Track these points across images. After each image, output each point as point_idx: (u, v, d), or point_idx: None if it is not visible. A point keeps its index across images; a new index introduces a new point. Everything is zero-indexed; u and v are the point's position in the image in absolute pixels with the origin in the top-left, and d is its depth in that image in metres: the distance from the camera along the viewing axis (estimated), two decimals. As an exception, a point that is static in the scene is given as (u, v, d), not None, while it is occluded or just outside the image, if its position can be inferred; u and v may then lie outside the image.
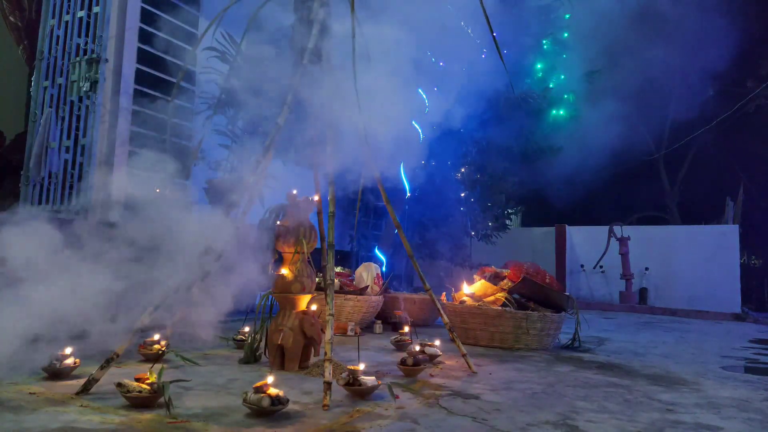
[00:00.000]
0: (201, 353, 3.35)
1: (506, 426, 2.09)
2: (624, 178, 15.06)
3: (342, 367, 2.78)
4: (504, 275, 4.60)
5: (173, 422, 1.96)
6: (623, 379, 3.12)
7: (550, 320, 4.16)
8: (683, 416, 2.35)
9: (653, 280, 10.35)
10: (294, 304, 3.03)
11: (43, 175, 4.73)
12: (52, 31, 4.94)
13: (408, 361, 2.92)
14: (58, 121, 4.76)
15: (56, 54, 4.87)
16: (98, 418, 1.98)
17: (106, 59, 4.60)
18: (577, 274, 11.10)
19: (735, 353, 4.56)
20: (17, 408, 2.05)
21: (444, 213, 8.37)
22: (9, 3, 5.36)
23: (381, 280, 5.27)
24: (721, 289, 9.78)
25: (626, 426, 2.16)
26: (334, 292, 2.67)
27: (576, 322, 4.43)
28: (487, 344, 4.18)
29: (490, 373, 3.15)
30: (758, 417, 2.41)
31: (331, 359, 2.40)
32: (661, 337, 5.49)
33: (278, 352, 2.96)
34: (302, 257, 3.06)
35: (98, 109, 4.56)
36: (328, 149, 2.97)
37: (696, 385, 3.06)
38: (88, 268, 2.64)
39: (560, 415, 2.28)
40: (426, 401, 2.41)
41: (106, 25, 4.63)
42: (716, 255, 10.02)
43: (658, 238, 10.67)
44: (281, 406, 2.07)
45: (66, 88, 4.76)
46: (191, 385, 2.50)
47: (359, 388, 2.38)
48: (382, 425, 2.03)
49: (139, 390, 2.13)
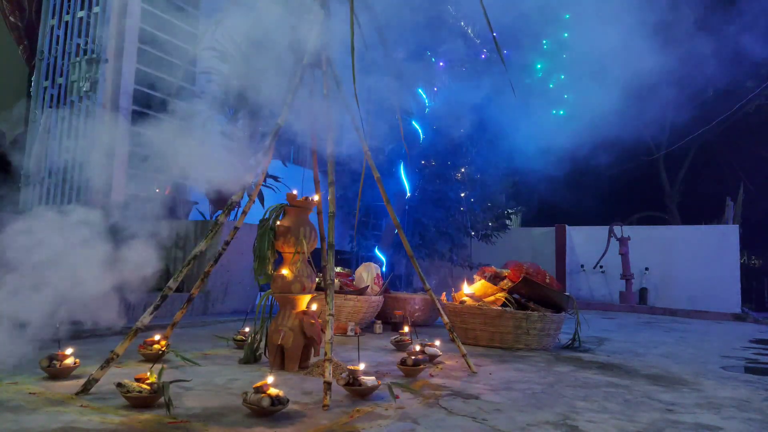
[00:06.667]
0: (201, 353, 3.35)
1: (506, 426, 2.09)
2: (624, 178, 15.08)
3: (342, 367, 2.78)
4: (504, 275, 4.60)
5: (173, 422, 1.95)
6: (623, 379, 3.12)
7: (550, 320, 4.16)
8: (683, 416, 2.35)
9: (653, 280, 10.35)
10: (294, 304, 3.03)
11: (43, 175, 4.73)
12: (52, 31, 4.94)
13: (408, 361, 2.91)
14: (58, 121, 4.76)
15: (56, 54, 4.87)
16: (98, 418, 1.98)
17: (106, 59, 4.60)
18: (577, 274, 11.10)
19: (735, 353, 4.56)
20: (17, 408, 2.05)
21: (444, 213, 8.37)
22: (9, 3, 5.36)
23: (381, 280, 5.27)
24: (721, 289, 9.78)
25: (626, 426, 2.16)
26: (334, 292, 2.67)
27: (576, 322, 4.43)
28: (487, 344, 4.18)
29: (490, 373, 3.15)
30: (758, 417, 2.41)
31: (331, 359, 2.40)
32: (661, 337, 5.49)
33: (278, 352, 2.96)
34: (302, 257, 3.06)
35: (98, 109, 4.56)
36: (328, 149, 2.98)
37: (696, 385, 3.06)
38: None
39: (560, 415, 2.28)
40: (426, 401, 2.41)
41: (106, 25, 4.64)
42: (716, 255, 10.02)
43: (658, 238, 10.68)
44: (281, 406, 2.07)
45: (66, 88, 4.76)
46: (191, 385, 2.50)
47: (359, 388, 2.38)
48: (382, 425, 2.03)
49: (139, 390, 2.13)
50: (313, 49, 3.04)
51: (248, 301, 5.67)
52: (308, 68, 3.06)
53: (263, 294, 3.21)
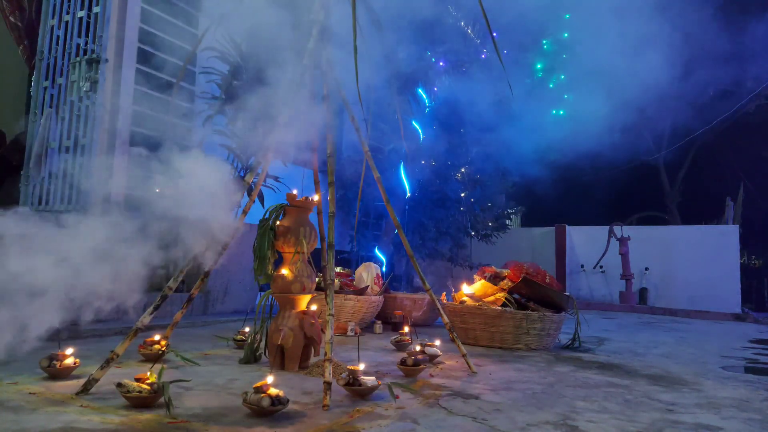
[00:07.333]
0: (201, 353, 3.35)
1: (506, 426, 2.09)
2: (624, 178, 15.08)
3: (342, 367, 2.78)
4: (504, 275, 4.60)
5: (173, 422, 1.95)
6: (623, 379, 3.12)
7: (550, 320, 4.16)
8: (683, 416, 2.35)
9: (653, 280, 10.35)
10: (294, 304, 3.03)
11: (43, 175, 4.73)
12: (52, 31, 4.94)
13: (408, 361, 2.91)
14: (58, 121, 4.76)
15: (56, 54, 4.87)
16: (98, 418, 1.98)
17: (106, 59, 4.60)
18: (577, 274, 11.10)
19: (735, 353, 4.56)
20: (17, 408, 2.05)
21: (444, 213, 8.37)
22: (9, 3, 5.36)
23: (381, 280, 5.27)
24: (721, 289, 9.78)
25: (626, 426, 2.16)
26: (334, 292, 2.67)
27: (576, 322, 4.43)
28: (487, 344, 4.18)
29: (490, 373, 3.15)
30: (758, 417, 2.41)
31: (331, 359, 2.40)
32: (661, 337, 5.49)
33: (278, 352, 2.96)
34: (302, 257, 3.06)
35: (98, 109, 4.56)
36: (328, 149, 2.98)
37: (696, 385, 3.06)
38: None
39: (560, 415, 2.28)
40: (426, 401, 2.41)
41: (106, 25, 4.64)
42: (716, 255, 10.02)
43: (658, 238, 10.67)
44: (281, 406, 2.07)
45: (66, 88, 4.76)
46: (191, 385, 2.50)
47: (359, 388, 2.38)
48: (382, 425, 2.03)
49: (139, 390, 2.13)
50: (313, 48, 3.04)
51: (248, 301, 5.67)
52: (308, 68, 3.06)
53: (263, 294, 3.21)
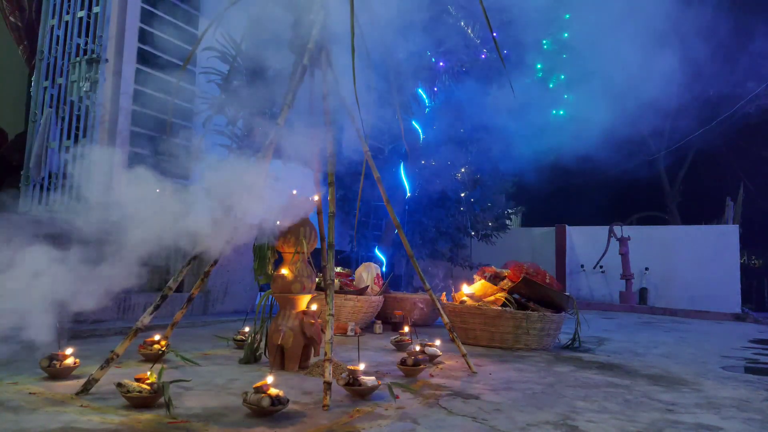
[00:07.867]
0: (201, 353, 3.35)
1: (506, 426, 2.09)
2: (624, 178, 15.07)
3: (342, 367, 2.77)
4: (504, 275, 4.60)
5: (173, 422, 1.95)
6: (623, 379, 3.12)
7: (550, 320, 4.16)
8: (683, 416, 2.35)
9: (653, 280, 10.35)
10: (294, 304, 3.03)
11: (43, 175, 4.73)
12: (52, 31, 4.94)
13: (408, 361, 2.91)
14: (58, 121, 4.76)
15: (56, 54, 4.87)
16: (98, 418, 1.97)
17: (106, 59, 4.60)
18: (577, 274, 11.10)
19: (735, 353, 4.56)
20: (17, 408, 2.05)
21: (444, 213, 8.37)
22: (9, 3, 5.36)
23: (381, 280, 5.27)
24: (721, 289, 9.78)
25: (626, 426, 2.16)
26: (334, 292, 2.67)
27: (576, 322, 4.43)
28: (487, 344, 4.18)
29: (490, 373, 3.15)
30: (758, 417, 2.40)
31: (331, 359, 2.39)
32: (661, 337, 5.49)
33: (278, 352, 2.96)
34: (302, 257, 3.06)
35: (98, 109, 4.56)
36: (328, 149, 2.97)
37: (696, 385, 3.06)
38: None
39: (560, 415, 2.28)
40: (426, 401, 2.41)
41: (106, 25, 4.64)
42: (716, 255, 10.02)
43: (658, 238, 10.67)
44: (281, 406, 2.07)
45: (66, 88, 4.76)
46: (191, 385, 2.50)
47: (359, 388, 2.38)
48: (382, 425, 2.03)
49: (139, 390, 2.13)
50: (312, 48, 3.04)
51: (248, 301, 5.67)
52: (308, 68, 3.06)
53: (263, 294, 3.21)
